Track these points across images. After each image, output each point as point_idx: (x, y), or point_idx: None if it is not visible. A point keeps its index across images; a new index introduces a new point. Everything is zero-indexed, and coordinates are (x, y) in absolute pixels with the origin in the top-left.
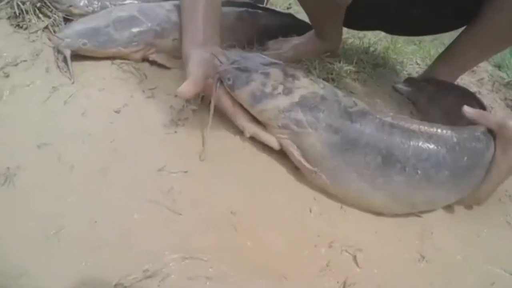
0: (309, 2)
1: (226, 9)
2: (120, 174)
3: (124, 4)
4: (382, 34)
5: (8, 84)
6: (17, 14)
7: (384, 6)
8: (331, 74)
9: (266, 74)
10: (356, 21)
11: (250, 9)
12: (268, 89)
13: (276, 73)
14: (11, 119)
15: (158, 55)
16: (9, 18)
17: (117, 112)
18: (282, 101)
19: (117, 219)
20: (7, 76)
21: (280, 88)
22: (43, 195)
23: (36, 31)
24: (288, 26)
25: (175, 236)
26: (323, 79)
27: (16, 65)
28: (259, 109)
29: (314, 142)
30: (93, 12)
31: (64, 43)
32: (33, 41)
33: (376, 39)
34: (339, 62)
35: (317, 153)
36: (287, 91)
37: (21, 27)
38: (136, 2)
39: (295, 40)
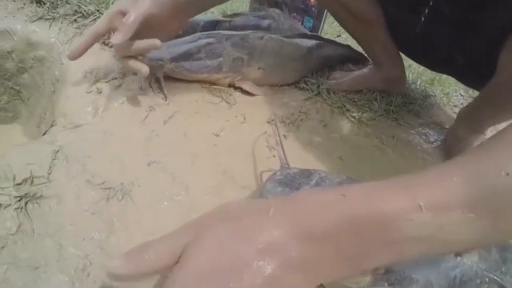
0: (353, 30)
1: (299, 40)
2: (232, 195)
3: (212, 32)
4: None
5: (102, 100)
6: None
7: (432, 46)
8: (391, 105)
9: None
10: (413, 52)
11: (317, 41)
12: None
13: None
14: (113, 136)
15: (244, 82)
16: None
17: (217, 135)
18: None
19: None
20: (100, 92)
21: None
22: (165, 213)
23: None
24: (346, 56)
25: None
26: (384, 110)
27: (108, 82)
28: None
29: None
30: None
31: (158, 64)
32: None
33: (421, 69)
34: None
35: None
36: None
37: (106, 45)
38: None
39: (356, 71)
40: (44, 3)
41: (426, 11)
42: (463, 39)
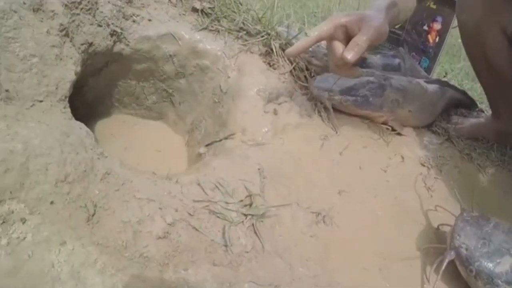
0: (483, 77)
1: (434, 87)
2: (410, 229)
3: (372, 71)
4: None
5: (278, 122)
6: (270, 52)
7: None
8: (505, 156)
9: None
10: None
11: (442, 86)
12: None
13: None
14: (300, 160)
15: (395, 121)
16: (260, 55)
17: (385, 171)
18: None
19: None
20: (276, 113)
21: None
22: (366, 239)
23: (284, 73)
24: (462, 102)
25: None
26: (500, 161)
27: (280, 104)
28: None
29: None
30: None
31: (327, 95)
32: (283, 82)
33: None
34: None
35: None
36: None
37: (271, 66)
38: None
39: (473, 119)
40: (207, 15)
41: None
42: None
